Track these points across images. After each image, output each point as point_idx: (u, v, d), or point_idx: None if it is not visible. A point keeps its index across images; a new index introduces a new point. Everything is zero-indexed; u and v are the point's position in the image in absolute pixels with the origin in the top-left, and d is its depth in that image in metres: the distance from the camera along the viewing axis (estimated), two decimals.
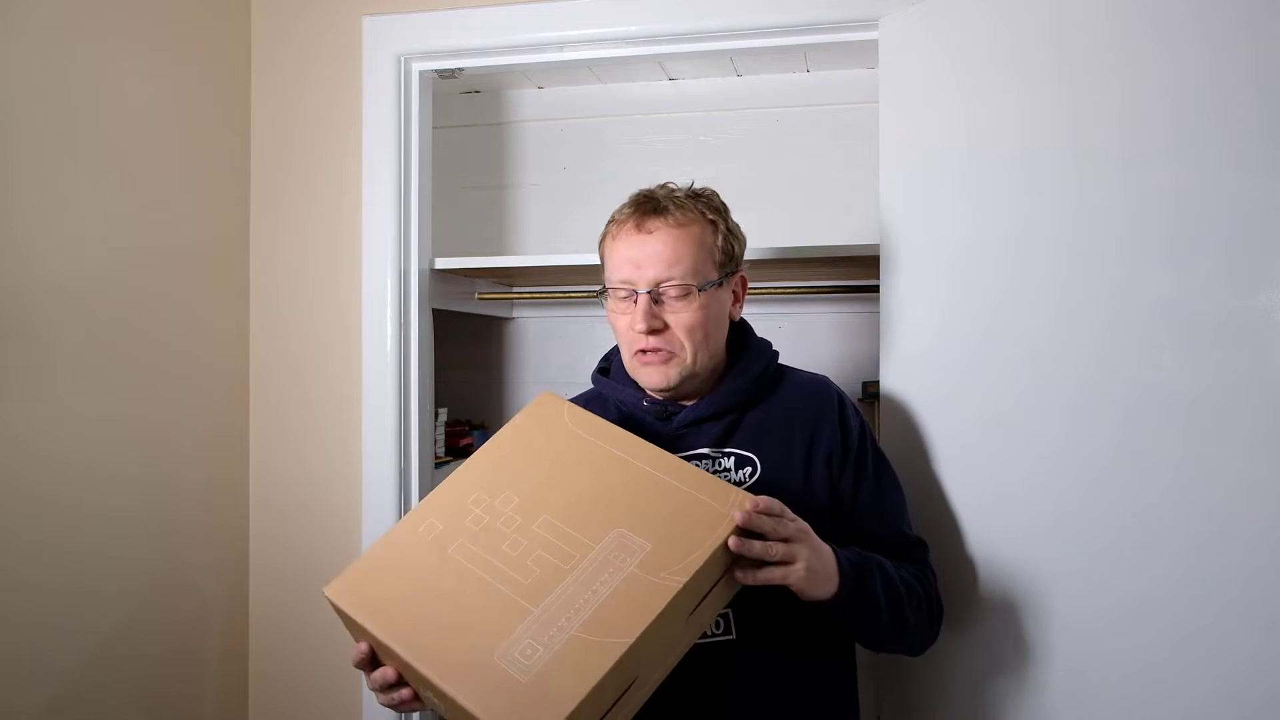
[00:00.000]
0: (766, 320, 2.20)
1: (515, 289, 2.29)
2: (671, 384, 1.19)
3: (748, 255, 1.24)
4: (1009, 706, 1.31)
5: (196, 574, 1.66)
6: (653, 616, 0.89)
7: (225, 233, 1.75)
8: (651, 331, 1.17)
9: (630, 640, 0.87)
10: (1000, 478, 1.31)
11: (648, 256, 1.17)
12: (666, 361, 1.18)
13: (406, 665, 0.92)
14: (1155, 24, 1.18)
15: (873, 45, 1.53)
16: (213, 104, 1.71)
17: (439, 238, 1.86)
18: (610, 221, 1.24)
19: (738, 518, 0.96)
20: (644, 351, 1.19)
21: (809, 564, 1.00)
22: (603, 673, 0.85)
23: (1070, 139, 1.25)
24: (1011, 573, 1.30)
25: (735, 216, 1.25)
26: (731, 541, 0.95)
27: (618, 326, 1.21)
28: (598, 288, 1.25)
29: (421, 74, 1.77)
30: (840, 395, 1.26)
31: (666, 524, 0.96)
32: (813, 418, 1.22)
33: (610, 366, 1.32)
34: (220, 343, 1.73)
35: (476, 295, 2.14)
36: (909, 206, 1.43)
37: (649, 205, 1.20)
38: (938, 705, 1.40)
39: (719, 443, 1.20)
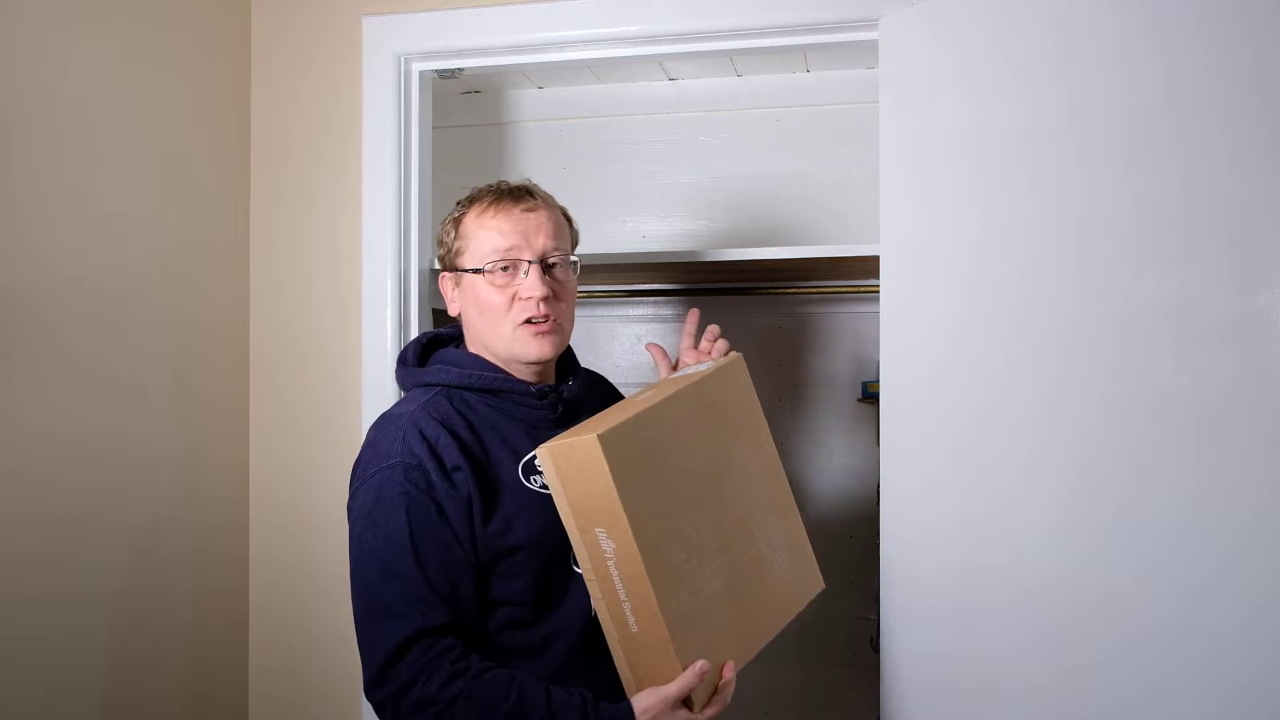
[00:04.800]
0: (766, 320, 2.20)
1: None
2: (554, 356, 1.21)
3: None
4: (1005, 710, 1.31)
5: (195, 576, 1.66)
6: None
7: (225, 232, 1.74)
8: (547, 299, 1.17)
9: None
10: (999, 479, 1.31)
11: (534, 228, 1.19)
12: (554, 332, 1.19)
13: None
14: (1153, 23, 1.18)
15: (873, 45, 1.53)
16: (212, 104, 1.71)
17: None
18: (469, 203, 1.23)
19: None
20: (532, 321, 1.18)
21: None
22: None
23: (1070, 139, 1.25)
24: (1006, 576, 1.29)
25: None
26: None
27: (494, 302, 1.18)
28: (491, 280, 1.19)
29: (421, 74, 1.77)
30: None
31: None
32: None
33: (432, 359, 1.25)
34: (219, 342, 1.73)
35: None
36: (909, 207, 1.43)
37: (515, 189, 1.22)
38: (936, 705, 1.40)
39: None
